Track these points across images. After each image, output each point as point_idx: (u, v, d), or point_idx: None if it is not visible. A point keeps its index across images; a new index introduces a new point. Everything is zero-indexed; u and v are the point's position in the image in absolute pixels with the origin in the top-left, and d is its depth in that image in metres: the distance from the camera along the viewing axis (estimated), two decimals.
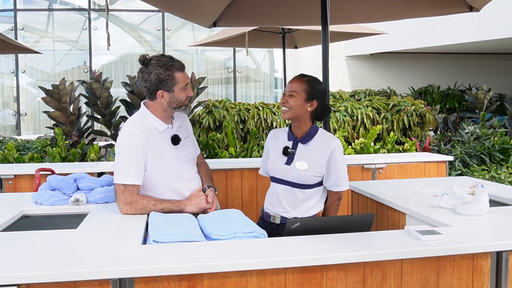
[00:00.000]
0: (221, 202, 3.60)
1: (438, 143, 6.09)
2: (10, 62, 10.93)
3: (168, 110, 2.36)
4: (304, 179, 2.36)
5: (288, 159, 2.40)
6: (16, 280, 1.46)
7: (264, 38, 6.85)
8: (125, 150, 2.27)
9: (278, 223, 2.42)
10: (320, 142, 2.38)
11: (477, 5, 3.38)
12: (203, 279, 1.57)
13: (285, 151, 2.40)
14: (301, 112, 2.35)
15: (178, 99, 2.33)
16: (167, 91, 2.29)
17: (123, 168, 2.25)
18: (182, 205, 2.31)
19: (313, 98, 2.35)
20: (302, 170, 2.35)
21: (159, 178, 2.33)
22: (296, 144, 2.41)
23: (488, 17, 7.93)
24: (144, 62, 2.30)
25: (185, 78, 2.34)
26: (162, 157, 2.33)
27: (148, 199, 2.26)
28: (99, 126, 8.75)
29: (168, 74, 2.27)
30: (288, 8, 3.73)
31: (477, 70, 12.99)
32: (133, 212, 2.23)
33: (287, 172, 2.38)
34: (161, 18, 11.35)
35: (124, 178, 2.23)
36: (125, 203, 2.22)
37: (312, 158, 2.36)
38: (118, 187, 2.24)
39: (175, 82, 2.29)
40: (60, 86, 6.32)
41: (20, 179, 3.75)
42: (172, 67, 2.29)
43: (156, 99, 2.32)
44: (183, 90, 2.33)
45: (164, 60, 2.29)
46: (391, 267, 1.69)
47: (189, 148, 2.49)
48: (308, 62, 11.53)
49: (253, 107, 6.57)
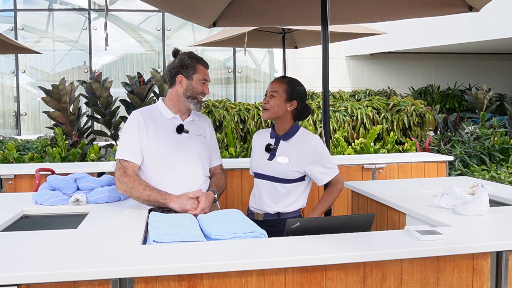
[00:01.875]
0: (221, 202, 3.60)
1: (438, 143, 6.09)
2: (10, 62, 10.93)
3: (182, 99, 2.43)
4: (284, 173, 2.45)
5: (270, 155, 2.50)
6: (16, 280, 1.46)
7: (264, 38, 6.85)
8: (124, 130, 2.41)
9: (261, 220, 2.50)
10: (301, 139, 2.48)
11: (477, 5, 3.37)
12: (203, 279, 1.57)
13: (268, 148, 2.51)
14: (281, 111, 2.46)
15: (195, 87, 2.42)
16: (186, 77, 2.41)
17: (121, 145, 2.38)
18: (168, 199, 2.30)
19: (293, 98, 2.47)
20: (283, 164, 2.44)
21: (152, 158, 2.36)
22: (278, 141, 2.52)
23: (488, 17, 7.93)
24: (175, 54, 2.47)
25: (206, 73, 2.46)
26: (157, 141, 2.37)
27: (140, 182, 2.30)
28: (99, 126, 8.76)
29: (191, 61, 2.42)
30: (288, 8, 3.73)
31: (477, 70, 12.99)
32: (124, 190, 2.31)
33: (269, 167, 2.48)
34: (161, 18, 11.35)
35: (120, 154, 2.35)
36: (118, 179, 2.32)
37: (293, 153, 2.46)
38: (117, 164, 2.35)
39: (195, 70, 2.42)
40: (60, 86, 6.32)
41: (20, 179, 3.75)
42: (197, 59, 2.44)
43: (175, 85, 2.43)
44: (201, 82, 2.43)
45: (192, 53, 2.47)
46: (391, 267, 1.69)
47: (196, 145, 2.48)
48: (308, 62, 11.53)
49: (253, 107, 6.57)
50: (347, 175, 4.11)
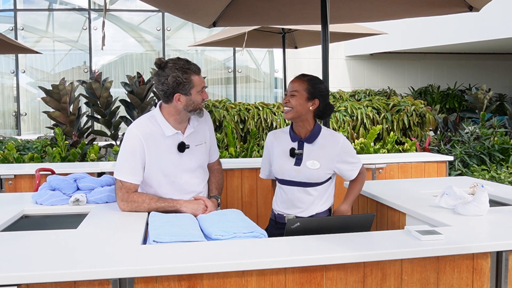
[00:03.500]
0: (221, 202, 3.59)
1: (438, 143, 6.09)
2: (10, 62, 10.92)
3: (183, 113, 2.35)
4: (316, 178, 2.39)
5: (296, 160, 2.40)
6: (16, 280, 1.46)
7: (264, 38, 6.85)
8: (124, 149, 2.33)
9: None
10: (327, 140, 2.41)
11: (477, 5, 3.37)
12: (203, 279, 1.57)
13: (292, 153, 2.41)
14: (303, 111, 2.37)
15: (195, 101, 2.33)
16: (184, 94, 2.30)
17: (121, 164, 2.32)
18: (177, 205, 2.32)
19: (315, 97, 2.37)
20: (314, 169, 2.37)
21: (155, 181, 2.36)
22: (302, 145, 2.42)
23: (488, 17, 7.93)
24: (160, 65, 2.30)
25: (201, 81, 2.35)
26: (160, 161, 2.33)
27: (144, 197, 2.29)
28: (99, 126, 8.75)
29: (186, 77, 2.27)
30: (288, 8, 3.73)
31: (477, 70, 12.99)
32: (129, 209, 2.28)
33: (298, 173, 2.39)
34: (161, 18, 11.35)
35: (121, 175, 2.30)
36: (121, 199, 2.29)
37: (322, 156, 2.38)
38: (117, 183, 2.32)
39: (192, 85, 2.30)
40: (60, 86, 6.31)
41: (20, 179, 3.74)
42: (189, 70, 2.29)
43: (172, 102, 2.32)
44: (200, 93, 2.34)
45: (181, 63, 2.29)
46: (391, 267, 1.69)
47: (197, 156, 2.45)
48: (308, 62, 11.53)
49: (253, 107, 6.57)
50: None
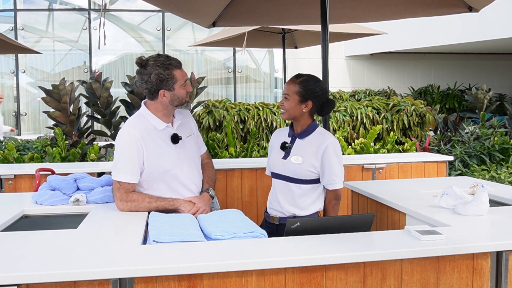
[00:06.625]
0: (221, 202, 3.60)
1: (438, 143, 6.08)
2: (10, 62, 10.92)
3: (169, 108, 2.39)
4: (299, 173, 2.38)
5: (285, 154, 2.44)
6: (16, 280, 1.46)
7: (264, 38, 6.85)
8: (121, 149, 2.32)
9: (277, 223, 2.46)
10: (316, 138, 2.41)
11: (477, 5, 3.38)
12: (203, 279, 1.57)
13: (283, 146, 2.45)
14: (297, 113, 2.39)
15: (179, 96, 2.36)
16: (168, 89, 2.33)
17: (118, 166, 2.31)
18: (177, 204, 2.33)
19: (307, 99, 2.37)
20: (297, 164, 2.38)
21: (157, 175, 2.35)
22: (294, 139, 2.45)
23: (488, 17, 7.93)
24: (141, 64, 2.33)
25: (184, 75, 2.38)
26: (160, 155, 2.34)
27: (143, 197, 2.30)
28: (99, 126, 8.75)
29: (168, 73, 2.31)
30: (288, 8, 3.73)
31: (477, 70, 12.98)
32: (128, 209, 2.28)
33: (284, 166, 2.42)
34: (161, 18, 11.34)
35: (119, 176, 2.29)
36: (120, 200, 2.29)
37: (307, 153, 2.38)
38: (114, 184, 2.31)
39: (175, 80, 2.33)
40: (60, 86, 6.31)
41: (20, 179, 3.75)
42: (171, 65, 2.32)
43: (158, 98, 2.35)
44: (183, 86, 2.37)
45: (162, 60, 2.32)
46: (391, 267, 1.69)
47: (191, 147, 2.50)
48: (308, 62, 11.52)
49: (253, 107, 6.57)
50: (347, 175, 4.11)
